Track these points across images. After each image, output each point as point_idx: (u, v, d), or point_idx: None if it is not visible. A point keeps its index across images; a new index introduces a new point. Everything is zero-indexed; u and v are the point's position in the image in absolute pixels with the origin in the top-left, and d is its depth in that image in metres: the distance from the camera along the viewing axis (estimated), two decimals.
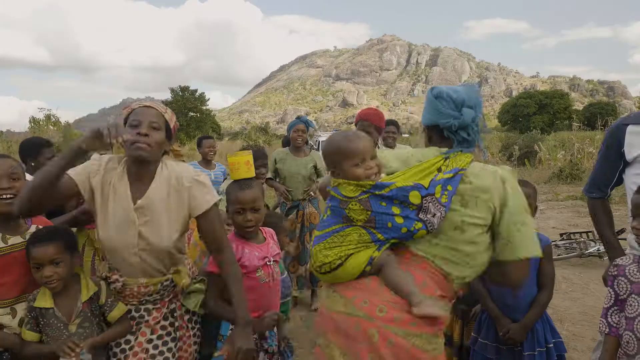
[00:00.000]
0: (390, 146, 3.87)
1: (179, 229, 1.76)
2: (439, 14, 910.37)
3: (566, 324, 3.69)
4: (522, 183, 2.17)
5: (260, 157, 3.46)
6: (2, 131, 25.06)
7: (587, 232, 5.80)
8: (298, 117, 4.31)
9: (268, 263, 1.99)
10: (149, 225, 1.70)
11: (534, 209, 2.11)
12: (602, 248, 5.36)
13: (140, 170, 1.71)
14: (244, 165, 1.98)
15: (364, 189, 1.41)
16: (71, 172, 1.64)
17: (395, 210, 1.39)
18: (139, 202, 1.69)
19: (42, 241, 1.72)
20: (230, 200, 1.97)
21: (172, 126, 1.76)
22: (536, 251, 1.42)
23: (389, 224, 1.39)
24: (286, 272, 2.58)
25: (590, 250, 5.45)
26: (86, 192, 1.68)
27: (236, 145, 27.78)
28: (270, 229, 2.20)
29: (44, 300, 1.72)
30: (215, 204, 1.79)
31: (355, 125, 3.47)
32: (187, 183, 1.74)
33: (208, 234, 1.79)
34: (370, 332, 1.32)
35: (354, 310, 1.36)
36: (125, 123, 1.67)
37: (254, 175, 2.02)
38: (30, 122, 20.91)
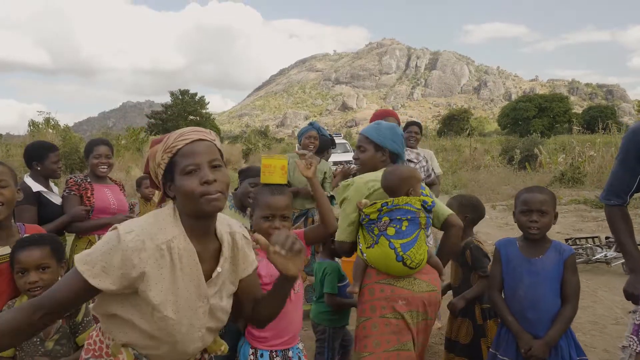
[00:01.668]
0: (412, 146, 3.80)
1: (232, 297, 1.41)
2: (438, 18, 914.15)
3: (576, 334, 3.57)
4: (537, 190, 2.08)
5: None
6: (1, 134, 25.01)
7: (593, 238, 5.70)
8: (311, 123, 4.13)
9: None
10: (218, 296, 1.32)
11: (553, 216, 2.03)
12: (609, 254, 5.27)
13: (206, 227, 1.28)
14: (279, 170, 1.92)
15: (421, 203, 2.10)
16: (81, 263, 1.15)
17: (428, 214, 2.16)
18: (217, 269, 1.29)
19: (28, 245, 1.65)
20: (259, 205, 1.89)
21: (223, 153, 1.32)
22: (448, 210, 2.26)
23: (429, 225, 2.17)
24: (347, 280, 2.54)
25: (597, 256, 5.34)
26: (115, 285, 1.15)
27: (236, 149, 27.73)
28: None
29: None
30: None
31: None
32: (239, 240, 1.39)
33: (250, 294, 1.44)
34: (438, 297, 2.14)
35: (434, 287, 2.10)
36: (170, 166, 1.23)
37: (286, 182, 1.96)
38: (29, 125, 20.81)
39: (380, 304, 2.04)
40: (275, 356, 1.84)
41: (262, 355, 1.84)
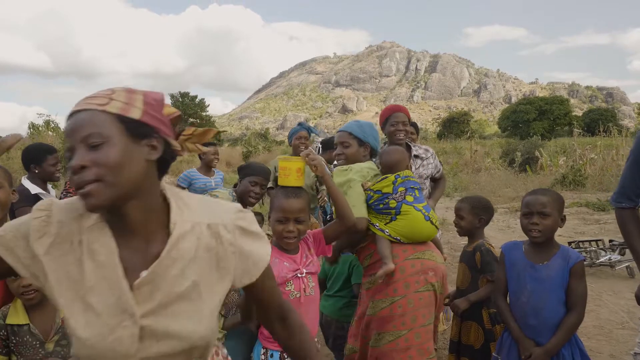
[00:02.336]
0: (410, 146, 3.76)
1: (214, 312, 1.01)
2: (438, 20, 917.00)
3: (581, 339, 3.51)
4: (540, 192, 2.06)
5: (261, 175, 2.72)
6: (1, 137, 24.96)
7: (596, 241, 5.66)
8: (300, 124, 4.08)
9: (299, 275, 1.87)
10: (162, 315, 0.94)
11: (558, 219, 1.98)
12: (613, 257, 5.22)
13: (124, 221, 0.96)
14: (295, 172, 1.90)
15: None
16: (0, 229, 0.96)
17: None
18: (143, 275, 0.93)
19: None
20: (274, 207, 1.89)
21: (138, 116, 0.95)
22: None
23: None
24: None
25: (601, 259, 5.29)
26: (24, 267, 0.95)
27: (236, 151, 27.68)
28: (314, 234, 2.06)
29: (16, 316, 1.59)
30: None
31: (386, 121, 3.06)
32: (228, 234, 1.01)
33: (264, 303, 1.14)
34: (444, 269, 2.32)
35: (442, 259, 2.33)
36: None
37: (303, 185, 1.94)
38: (29, 127, 20.81)
39: (413, 279, 2.15)
40: (285, 357, 1.81)
41: (272, 356, 1.82)
